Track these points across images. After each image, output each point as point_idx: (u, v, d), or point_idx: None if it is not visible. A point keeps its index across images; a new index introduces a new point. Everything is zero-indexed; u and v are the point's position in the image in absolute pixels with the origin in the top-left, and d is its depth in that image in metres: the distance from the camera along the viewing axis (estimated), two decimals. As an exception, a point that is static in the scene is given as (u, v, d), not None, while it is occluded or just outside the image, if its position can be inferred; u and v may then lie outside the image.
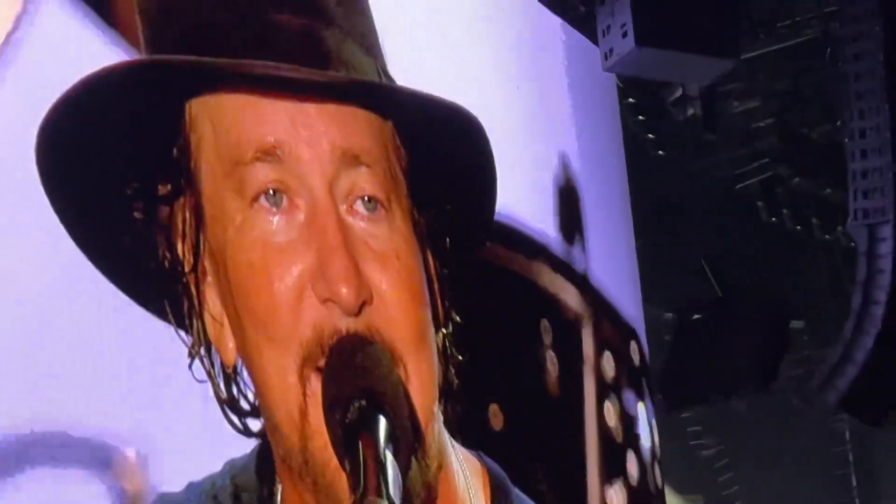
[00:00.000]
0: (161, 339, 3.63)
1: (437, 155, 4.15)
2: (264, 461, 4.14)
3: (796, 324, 9.91)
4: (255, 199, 3.96)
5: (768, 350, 9.18)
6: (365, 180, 4.00)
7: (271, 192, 3.95)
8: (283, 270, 3.99)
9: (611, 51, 6.04)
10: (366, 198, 3.89)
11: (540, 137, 5.83)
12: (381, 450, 3.09)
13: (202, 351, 3.95)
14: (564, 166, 6.02)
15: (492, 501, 4.53)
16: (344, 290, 3.68)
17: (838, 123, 8.00)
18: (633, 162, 7.00)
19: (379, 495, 2.83)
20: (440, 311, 4.13)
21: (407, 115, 3.90)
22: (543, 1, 6.33)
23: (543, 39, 6.26)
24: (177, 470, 3.87)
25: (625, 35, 5.97)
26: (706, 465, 11.60)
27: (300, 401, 3.68)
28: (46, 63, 3.95)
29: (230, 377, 3.94)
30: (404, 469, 3.08)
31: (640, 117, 8.23)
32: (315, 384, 3.62)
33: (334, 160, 4.01)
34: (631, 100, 7.99)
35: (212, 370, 4.07)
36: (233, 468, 4.15)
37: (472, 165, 4.24)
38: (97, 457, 3.77)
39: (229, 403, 4.10)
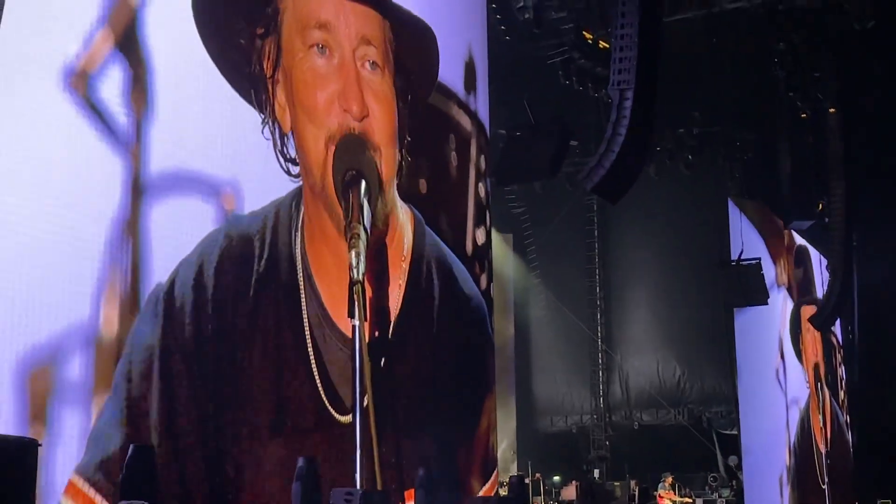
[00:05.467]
0: (246, 126, 4.04)
1: (410, 45, 5.16)
2: (296, 196, 4.89)
3: (573, 141, 10.09)
4: (311, 47, 4.87)
5: (556, 155, 9.08)
6: (372, 53, 4.92)
7: (320, 45, 4.87)
8: (323, 87, 4.85)
9: (484, -24, 5.88)
10: (371, 62, 4.78)
11: (451, 30, 5.74)
12: (361, 198, 3.96)
13: (270, 122, 4.62)
14: (469, 48, 6.09)
15: (414, 229, 5.38)
16: (355, 106, 4.65)
17: (609, 30, 8.05)
18: (491, 41, 6.89)
19: (358, 222, 3.63)
20: (403, 128, 4.86)
21: (397, 19, 4.88)
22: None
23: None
24: (252, 202, 4.20)
25: (492, -35, 5.81)
26: (516, 217, 11.99)
27: (324, 157, 4.52)
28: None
29: (285, 137, 4.64)
30: (373, 209, 3.81)
31: (498, 16, 8.27)
32: (331, 153, 4.48)
33: (357, 39, 4.96)
34: (493, 5, 8.03)
35: (274, 132, 4.71)
36: (276, 203, 4.83)
37: (428, 52, 5.22)
38: (213, 190, 4.02)
39: (282, 152, 4.79)
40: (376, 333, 4.37)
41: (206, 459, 3.77)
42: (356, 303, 3.49)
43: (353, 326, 3.67)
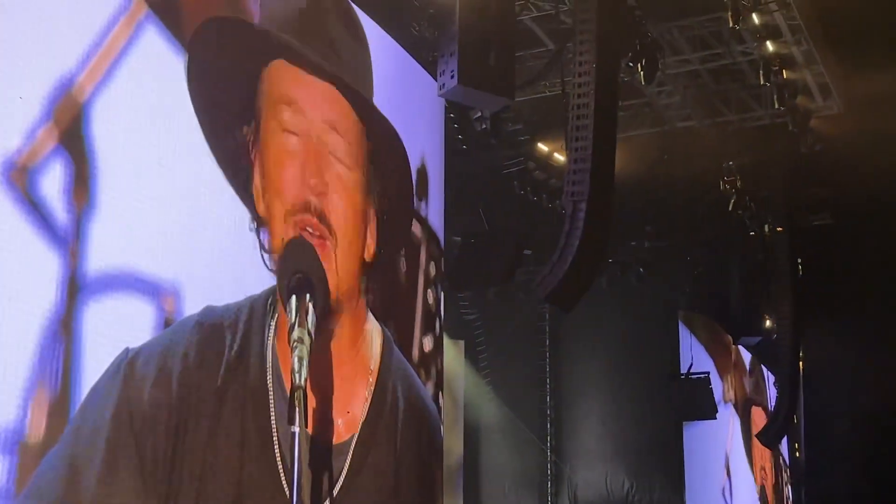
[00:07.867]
0: (192, 227, 3.89)
1: (381, 148, 5.08)
2: (272, 292, 4.73)
3: (527, 251, 10.17)
4: (284, 131, 4.80)
5: (509, 263, 9.30)
6: (336, 141, 4.84)
7: (289, 128, 4.79)
8: (290, 164, 4.79)
9: (443, 85, 5.89)
10: (338, 154, 4.72)
11: (406, 137, 5.25)
12: (307, 302, 3.78)
13: (252, 210, 4.51)
14: (422, 157, 6.01)
15: (382, 345, 5.19)
16: (313, 179, 4.56)
17: (564, 143, 7.82)
18: (448, 151, 6.80)
19: (301, 326, 3.47)
20: (373, 235, 4.72)
21: (371, 120, 4.81)
22: (409, 50, 6.20)
23: (407, 77, 6.10)
24: (192, 305, 3.99)
25: (452, 76, 5.80)
26: (468, 324, 11.60)
27: (286, 231, 4.45)
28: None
29: (261, 223, 4.52)
30: (318, 314, 3.63)
31: (455, 125, 8.28)
32: (287, 227, 4.42)
33: (322, 124, 4.88)
34: (451, 115, 7.98)
35: (256, 221, 4.50)
36: (250, 298, 4.68)
37: (399, 160, 5.13)
38: (153, 291, 3.83)
39: (262, 244, 4.62)
40: (319, 444, 4.20)
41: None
42: (297, 409, 3.35)
43: (293, 433, 3.51)
